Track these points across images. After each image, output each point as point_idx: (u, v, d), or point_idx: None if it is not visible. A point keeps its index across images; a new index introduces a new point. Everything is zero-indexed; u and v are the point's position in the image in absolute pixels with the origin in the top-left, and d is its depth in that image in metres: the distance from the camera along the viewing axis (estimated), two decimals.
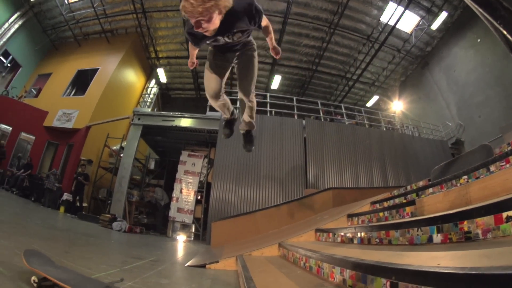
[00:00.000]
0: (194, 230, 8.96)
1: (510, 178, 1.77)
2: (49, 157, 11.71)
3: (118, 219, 7.70)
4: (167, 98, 18.27)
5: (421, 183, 3.99)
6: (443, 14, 12.22)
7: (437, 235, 1.64)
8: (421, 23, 12.89)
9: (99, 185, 10.69)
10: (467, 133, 11.94)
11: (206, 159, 9.71)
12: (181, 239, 8.18)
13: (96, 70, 12.78)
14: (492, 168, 2.48)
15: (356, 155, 9.11)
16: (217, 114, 9.01)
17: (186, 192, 9.13)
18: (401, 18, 12.19)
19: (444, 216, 1.66)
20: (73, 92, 13.04)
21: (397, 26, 12.59)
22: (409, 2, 11.56)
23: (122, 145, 10.80)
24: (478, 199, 1.90)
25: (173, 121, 9.39)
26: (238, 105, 2.99)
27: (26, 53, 13.25)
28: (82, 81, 12.88)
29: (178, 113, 9.80)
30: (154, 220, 9.78)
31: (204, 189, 9.29)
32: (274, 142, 8.64)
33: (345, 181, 8.61)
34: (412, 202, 2.71)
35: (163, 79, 16.82)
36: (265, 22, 2.06)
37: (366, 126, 11.06)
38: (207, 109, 9.46)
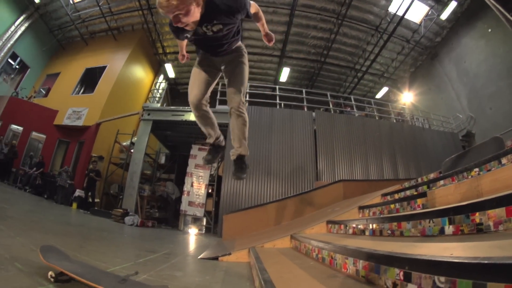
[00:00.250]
0: (205, 223, 9.04)
1: None
2: (60, 154, 11.93)
3: (130, 214, 7.83)
4: (176, 93, 18.31)
5: (432, 175, 3.98)
6: (453, 4, 11.94)
7: (449, 227, 1.65)
8: (430, 13, 12.61)
9: (111, 180, 10.87)
10: (478, 125, 11.74)
11: None
12: (192, 232, 8.27)
13: (104, 67, 12.91)
14: (503, 160, 2.46)
15: (366, 147, 9.07)
16: (226, 108, 9.00)
17: (197, 185, 9.19)
18: (409, 8, 11.92)
19: (456, 207, 1.67)
20: (82, 90, 13.21)
21: (405, 17, 12.34)
22: None
23: (133, 140, 10.93)
24: (489, 192, 1.90)
25: (182, 115, 9.43)
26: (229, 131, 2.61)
27: (34, 54, 13.45)
28: (90, 79, 13.03)
29: (188, 107, 9.81)
30: (165, 214, 9.90)
31: (215, 182, 9.34)
32: (284, 134, 8.65)
33: (355, 173, 8.60)
34: (423, 194, 2.71)
35: (171, 74, 16.88)
36: (254, 8, 1.97)
37: (376, 118, 10.97)
38: (217, 102, 9.49)
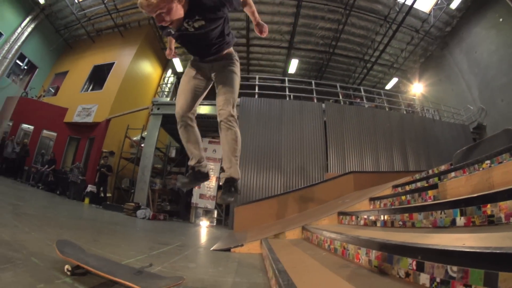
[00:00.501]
0: (216, 216, 9.16)
1: None
2: (71, 151, 12.15)
3: (142, 207, 7.98)
4: None
5: (443, 167, 3.97)
6: None
7: (460, 218, 1.67)
8: (439, 2, 12.28)
9: (122, 175, 11.05)
10: (489, 117, 11.51)
11: None
12: (204, 225, 8.40)
13: (112, 64, 13.00)
14: None
15: (376, 139, 9.02)
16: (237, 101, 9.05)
17: None
18: None
19: (467, 199, 1.68)
20: (90, 87, 13.36)
21: (414, 6, 11.99)
22: None
23: (143, 135, 11.05)
24: (501, 184, 1.89)
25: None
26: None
27: (41, 54, 13.64)
28: (99, 76, 13.16)
29: None
30: (177, 207, 10.05)
31: None
32: (294, 126, 8.64)
33: (365, 165, 8.57)
34: (434, 186, 2.71)
35: (179, 68, 16.90)
36: None
37: (386, 109, 10.87)
38: None
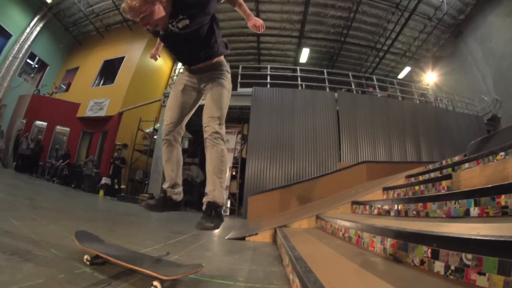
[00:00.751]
0: (229, 205, 9.30)
1: None
2: (85, 145, 12.49)
3: (155, 197, 8.14)
4: None
5: (456, 158, 3.94)
6: None
7: (474, 209, 1.68)
8: None
9: (135, 167, 11.29)
10: (504, 108, 11.18)
11: (240, 135, 9.89)
12: None
13: (122, 58, 13.17)
14: None
15: (389, 128, 8.97)
16: (248, 90, 9.08)
17: None
18: None
19: (481, 189, 1.69)
20: (102, 82, 13.58)
21: None
22: None
23: (155, 127, 11.23)
24: None
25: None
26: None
27: (52, 52, 13.92)
28: (109, 70, 13.36)
29: None
30: (190, 197, 10.21)
31: (238, 164, 9.55)
32: (307, 115, 8.66)
33: (378, 155, 8.56)
34: (448, 176, 2.70)
35: None
36: None
37: (399, 98, 10.73)
38: (238, 85, 9.51)
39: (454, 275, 1.00)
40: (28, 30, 12.47)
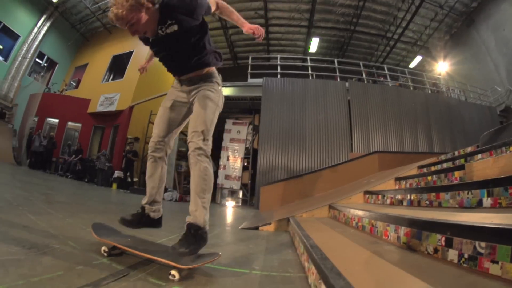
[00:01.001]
0: (242, 196, 9.39)
1: None
2: (97, 140, 12.65)
3: (169, 190, 8.30)
4: None
5: (469, 149, 3.90)
6: None
7: (487, 199, 1.69)
8: None
9: (147, 160, 11.45)
10: None
11: (251, 126, 9.89)
12: (230, 205, 8.64)
13: (131, 53, 13.16)
14: None
15: (401, 118, 8.88)
16: (259, 81, 9.04)
17: (233, 159, 9.45)
18: None
19: (495, 180, 1.69)
20: (111, 77, 13.66)
21: None
22: None
23: None
24: None
25: None
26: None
27: (60, 50, 14.12)
28: (118, 65, 13.42)
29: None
30: None
31: (250, 155, 9.55)
32: (318, 105, 8.62)
33: (390, 145, 8.51)
34: (460, 167, 2.69)
35: None
36: (213, 5, 1.72)
37: (411, 88, 10.55)
38: (248, 76, 9.49)
39: (467, 263, 1.01)
40: (35, 30, 12.70)
